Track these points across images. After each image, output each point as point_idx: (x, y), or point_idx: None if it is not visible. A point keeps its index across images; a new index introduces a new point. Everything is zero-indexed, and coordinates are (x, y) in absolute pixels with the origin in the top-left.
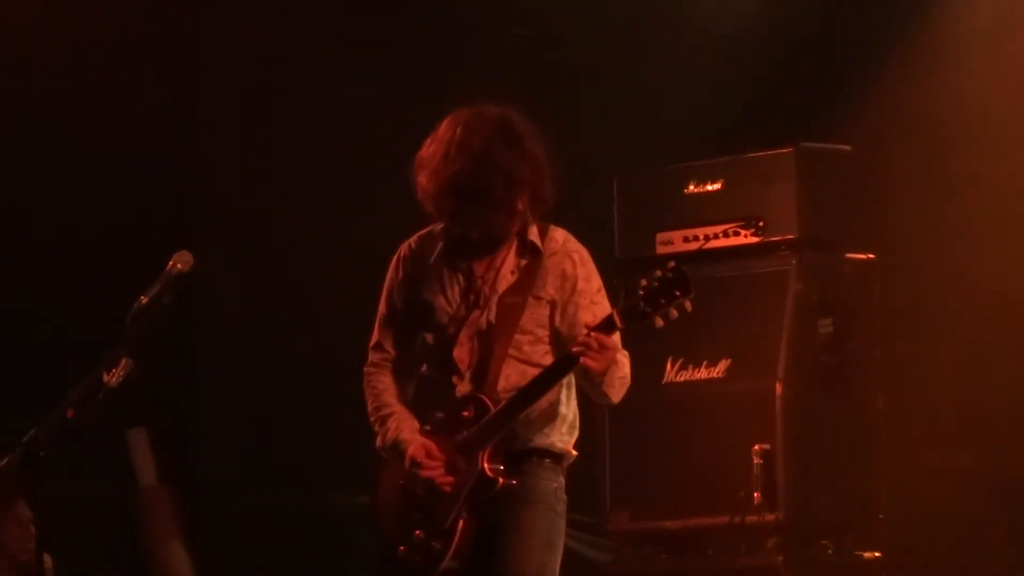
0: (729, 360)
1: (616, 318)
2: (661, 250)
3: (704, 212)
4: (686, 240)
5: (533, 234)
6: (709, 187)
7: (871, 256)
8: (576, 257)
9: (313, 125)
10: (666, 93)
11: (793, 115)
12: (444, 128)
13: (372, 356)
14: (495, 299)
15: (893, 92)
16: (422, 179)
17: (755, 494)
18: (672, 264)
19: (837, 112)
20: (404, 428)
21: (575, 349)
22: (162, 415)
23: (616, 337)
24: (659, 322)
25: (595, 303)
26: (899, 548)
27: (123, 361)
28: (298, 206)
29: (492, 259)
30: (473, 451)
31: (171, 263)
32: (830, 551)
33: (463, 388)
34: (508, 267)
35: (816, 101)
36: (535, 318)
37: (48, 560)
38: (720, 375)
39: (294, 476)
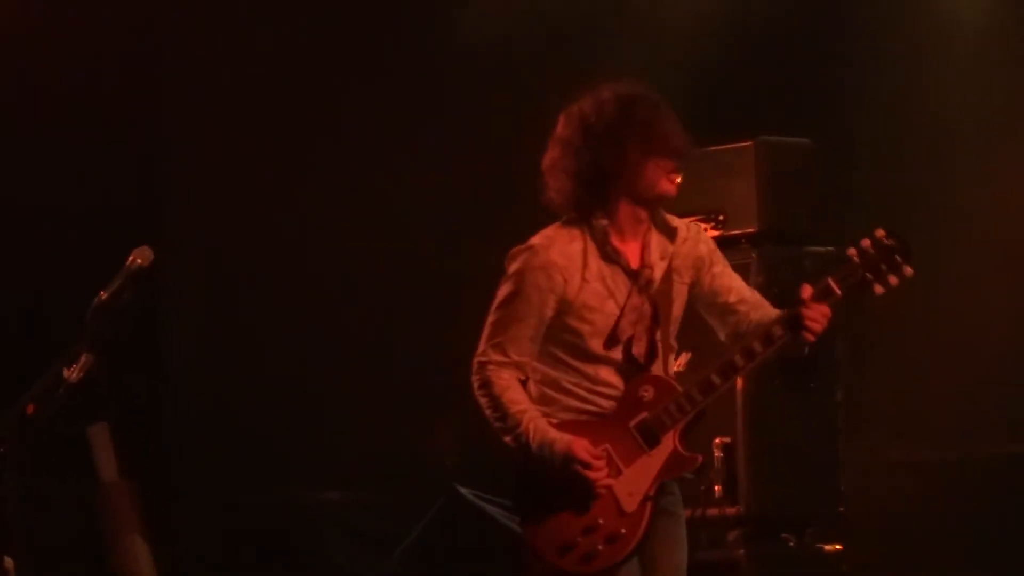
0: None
1: (834, 285)
2: None
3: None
4: None
5: (669, 218)
6: None
7: (831, 249)
8: (703, 236)
9: (281, 119)
10: None
11: (754, 108)
12: (582, 116)
13: (492, 355)
14: (655, 287)
15: (857, 84)
16: (558, 181)
17: (716, 487)
18: (883, 231)
19: (800, 105)
20: (543, 426)
21: (807, 320)
22: (127, 410)
23: None
24: (879, 289)
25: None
26: (860, 541)
27: (83, 357)
28: (265, 199)
29: (640, 247)
30: (658, 431)
31: (131, 258)
32: (791, 544)
33: (642, 370)
34: (656, 254)
35: (778, 94)
36: (681, 302)
37: (9, 562)
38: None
39: (261, 471)
